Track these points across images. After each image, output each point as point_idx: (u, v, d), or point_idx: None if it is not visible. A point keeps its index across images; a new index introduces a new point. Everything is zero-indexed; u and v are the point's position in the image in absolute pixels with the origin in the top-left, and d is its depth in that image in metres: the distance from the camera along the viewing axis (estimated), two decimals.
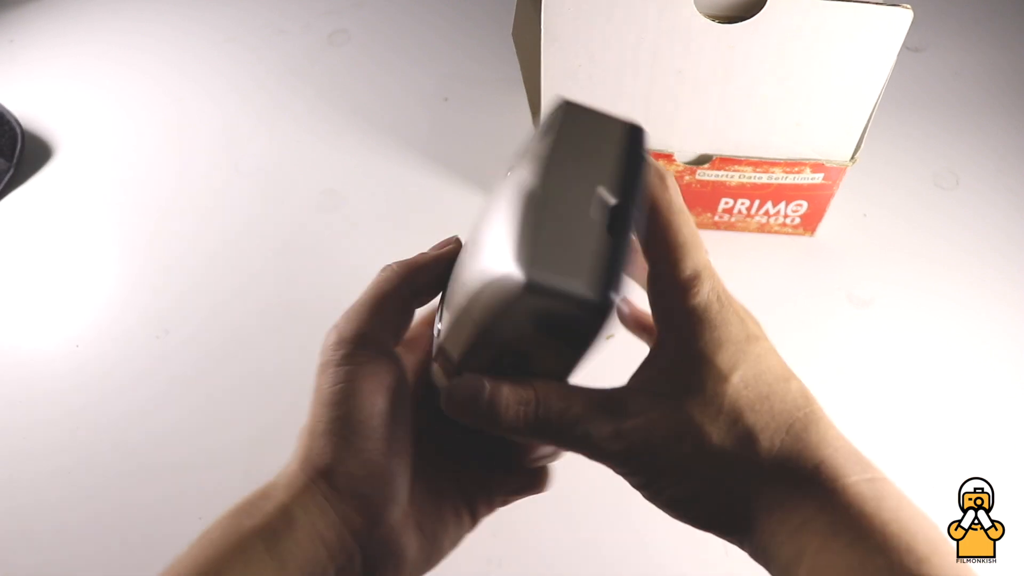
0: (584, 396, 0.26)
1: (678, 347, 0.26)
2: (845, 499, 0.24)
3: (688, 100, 0.48)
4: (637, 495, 0.28)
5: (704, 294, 0.26)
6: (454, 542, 0.31)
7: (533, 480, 0.33)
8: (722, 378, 0.25)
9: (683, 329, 0.26)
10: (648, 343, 0.31)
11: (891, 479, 0.26)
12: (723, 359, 0.25)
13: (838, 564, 0.23)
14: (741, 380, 0.25)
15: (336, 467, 0.26)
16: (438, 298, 0.31)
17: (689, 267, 0.26)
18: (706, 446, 0.25)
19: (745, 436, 0.25)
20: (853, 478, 0.24)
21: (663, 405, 0.25)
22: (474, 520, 0.32)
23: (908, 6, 0.42)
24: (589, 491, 0.46)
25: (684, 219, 0.26)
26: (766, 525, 0.25)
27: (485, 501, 0.32)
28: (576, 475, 0.48)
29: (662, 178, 0.26)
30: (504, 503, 0.33)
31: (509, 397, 0.26)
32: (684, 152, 0.52)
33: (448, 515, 0.31)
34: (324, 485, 0.26)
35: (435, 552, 0.30)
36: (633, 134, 0.26)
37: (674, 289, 0.26)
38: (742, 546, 0.26)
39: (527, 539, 0.45)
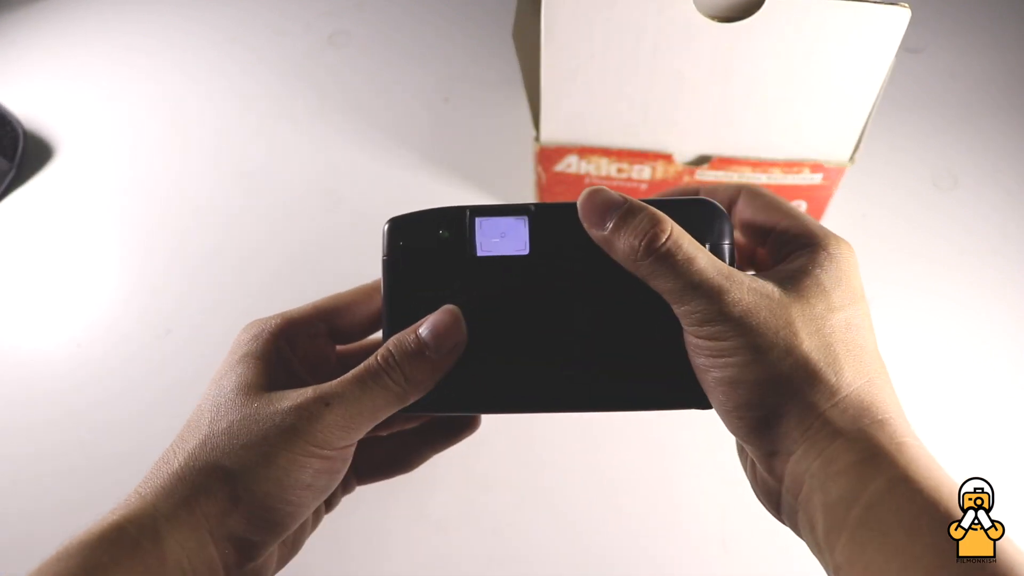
0: (708, 257, 0.26)
1: (809, 268, 0.27)
2: (911, 452, 0.24)
3: (687, 100, 0.48)
4: (637, 493, 0.28)
5: (836, 244, 0.29)
6: (309, 534, 0.32)
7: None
8: (832, 308, 0.27)
9: (811, 258, 0.28)
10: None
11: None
12: (838, 296, 0.27)
13: (911, 503, 0.23)
14: (845, 320, 0.27)
15: (239, 509, 0.25)
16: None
17: (815, 224, 0.29)
18: (796, 349, 0.25)
19: (832, 362, 0.26)
20: (916, 441, 0.25)
21: (775, 299, 0.26)
22: (329, 508, 0.32)
23: (906, 5, 0.42)
24: (589, 491, 0.47)
25: (784, 200, 0.31)
26: (821, 450, 0.25)
27: (343, 486, 0.32)
28: (576, 475, 0.48)
29: (747, 184, 0.31)
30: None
31: (644, 215, 0.26)
32: (683, 153, 0.52)
33: (310, 517, 0.31)
34: (215, 523, 0.25)
35: (292, 554, 0.30)
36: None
37: (809, 234, 0.29)
38: (773, 467, 0.26)
39: (526, 539, 0.45)
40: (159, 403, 0.51)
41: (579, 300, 0.28)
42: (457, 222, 0.29)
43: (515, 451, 0.48)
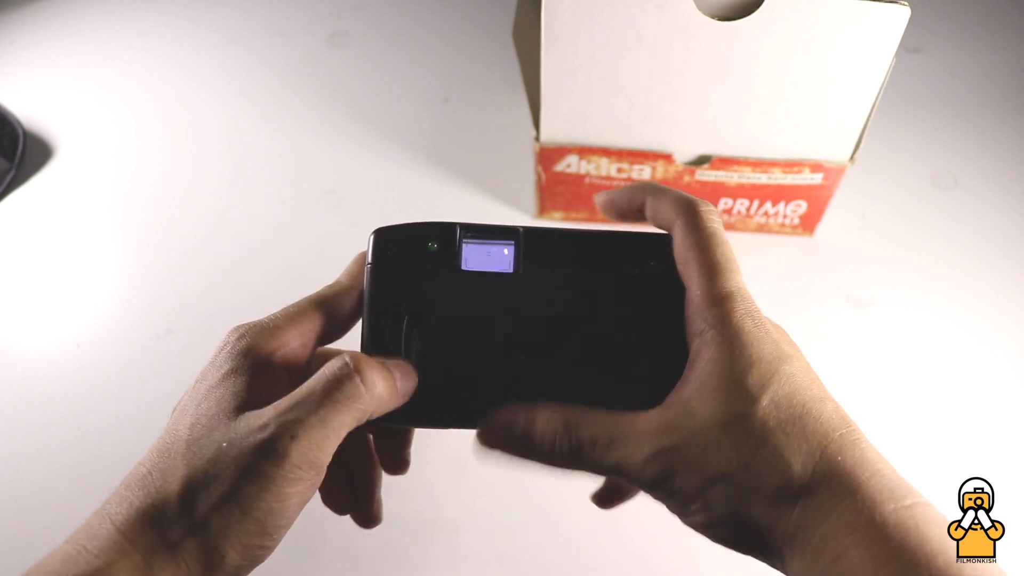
0: (613, 422, 0.26)
1: (709, 367, 0.25)
2: (885, 531, 0.23)
3: (687, 100, 0.48)
4: (633, 498, 0.28)
5: (736, 313, 0.26)
6: None
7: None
8: (752, 399, 0.25)
9: (714, 349, 0.25)
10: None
11: (934, 504, 0.25)
12: (753, 379, 0.25)
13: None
14: (772, 401, 0.25)
15: (224, 543, 0.24)
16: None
17: (721, 288, 0.26)
18: (733, 471, 0.24)
19: (776, 459, 0.24)
20: (892, 506, 0.23)
21: (693, 428, 0.25)
22: None
23: (906, 3, 0.42)
24: (589, 491, 0.47)
25: (716, 242, 0.27)
26: (802, 555, 0.24)
27: None
28: (576, 475, 0.48)
29: (693, 205, 0.28)
30: None
31: (543, 426, 0.26)
32: (683, 152, 0.52)
33: None
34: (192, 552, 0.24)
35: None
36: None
37: (706, 309, 0.26)
38: (783, 572, 0.26)
39: (526, 540, 0.45)
40: (159, 403, 0.51)
41: (561, 324, 0.28)
42: (446, 236, 0.29)
43: None
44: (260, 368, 0.27)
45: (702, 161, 0.52)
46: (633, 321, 0.28)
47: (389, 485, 0.34)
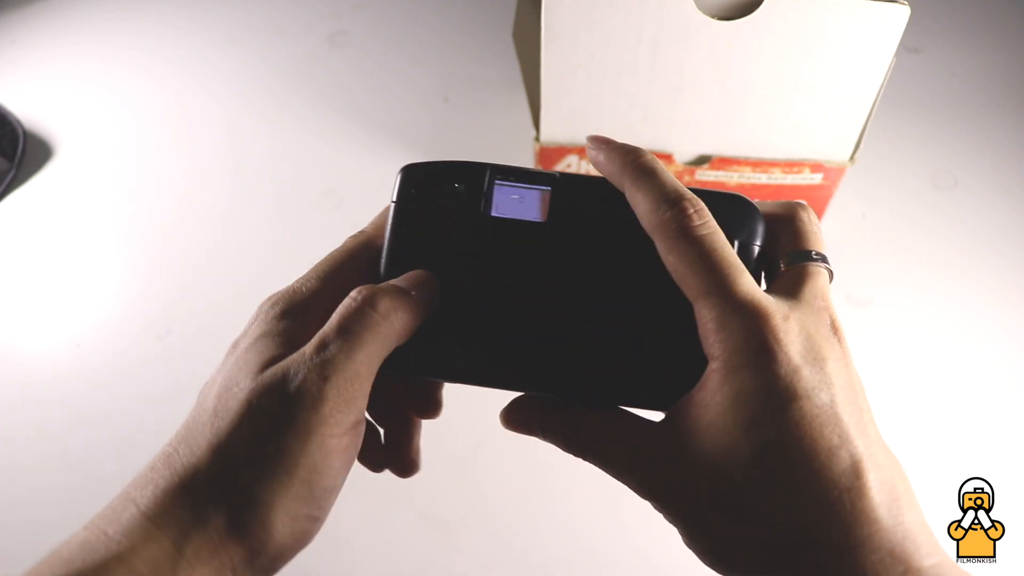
0: (620, 434, 0.25)
1: (708, 398, 0.23)
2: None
3: (687, 100, 0.48)
4: (633, 498, 0.28)
5: (746, 341, 0.22)
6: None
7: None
8: (739, 450, 0.22)
9: (717, 379, 0.23)
10: None
11: (953, 562, 0.22)
12: (746, 426, 0.22)
13: None
14: (762, 452, 0.22)
15: (266, 552, 0.22)
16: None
17: (723, 308, 0.23)
18: (725, 522, 0.22)
19: (769, 517, 0.21)
20: (900, 568, 0.20)
21: (683, 461, 0.23)
22: None
23: (905, 2, 0.42)
24: (590, 491, 0.47)
25: (705, 248, 0.23)
26: None
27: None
28: (574, 475, 0.48)
29: (668, 220, 0.24)
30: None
31: (546, 434, 0.26)
32: (683, 152, 0.52)
33: None
34: (241, 569, 0.22)
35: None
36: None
37: (713, 335, 0.23)
38: None
39: (526, 540, 0.45)
40: (159, 403, 0.51)
41: (590, 279, 0.26)
42: (476, 178, 0.27)
43: (515, 451, 0.48)
44: (294, 331, 0.25)
45: (702, 161, 0.52)
46: (666, 296, 0.25)
47: (390, 485, 0.34)
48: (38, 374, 0.53)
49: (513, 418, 0.27)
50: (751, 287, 0.23)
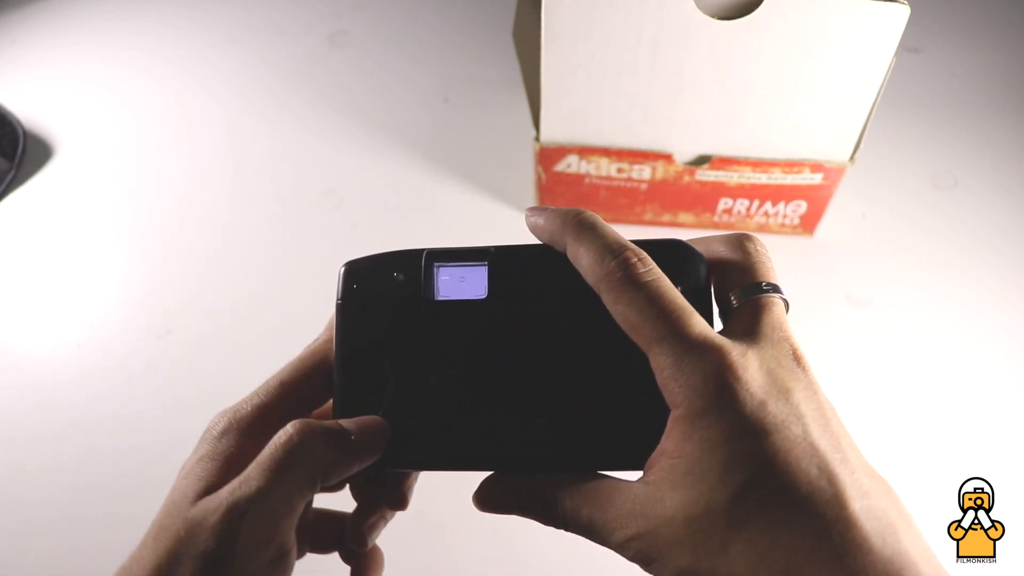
0: (593, 496, 0.24)
1: (679, 449, 0.22)
2: None
3: (687, 100, 0.48)
4: None
5: (707, 381, 0.22)
6: None
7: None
8: (720, 489, 0.21)
9: (685, 427, 0.22)
10: None
11: None
12: (724, 465, 0.21)
13: None
14: (741, 492, 0.21)
15: None
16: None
17: (675, 355, 0.22)
18: (700, 571, 0.22)
19: (759, 560, 0.21)
20: None
21: (662, 517, 0.22)
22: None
23: (905, 1, 0.42)
24: None
25: (650, 296, 0.23)
26: None
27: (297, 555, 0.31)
28: None
29: (610, 272, 0.24)
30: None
31: (533, 504, 0.25)
32: (683, 152, 0.52)
33: None
34: None
35: None
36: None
37: (671, 382, 0.22)
38: None
39: (526, 540, 0.45)
40: (159, 402, 0.51)
41: (541, 346, 0.26)
42: (413, 265, 0.27)
43: None
44: (234, 453, 0.26)
45: (702, 161, 0.52)
46: (619, 351, 0.25)
47: None
48: (38, 373, 0.53)
49: (486, 500, 0.27)
50: (703, 328, 0.23)
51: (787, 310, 0.25)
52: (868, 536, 0.20)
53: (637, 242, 0.25)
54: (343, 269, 0.28)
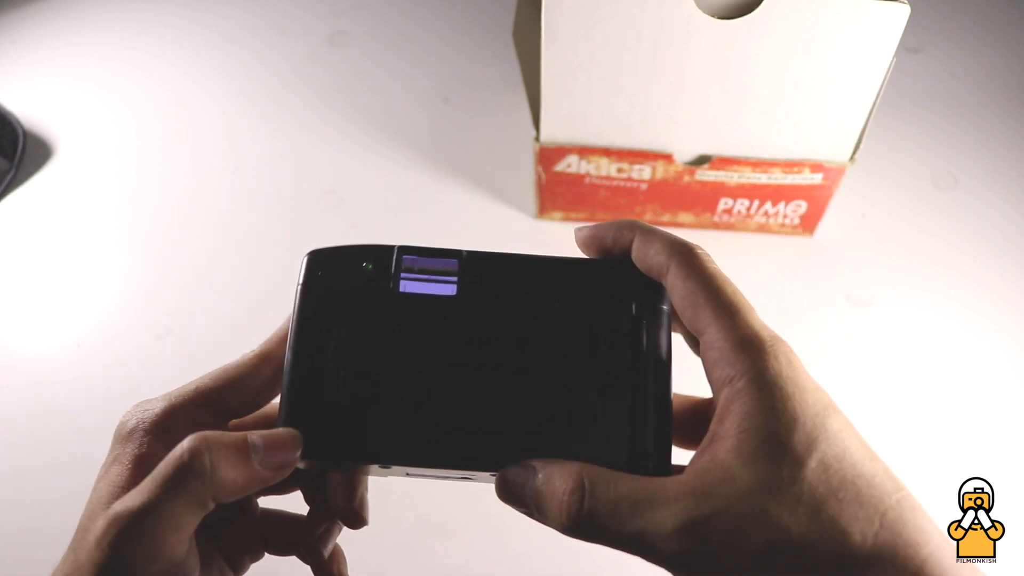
0: (637, 484, 0.23)
1: (746, 423, 0.22)
2: None
3: (687, 100, 0.48)
4: None
5: (770, 359, 0.23)
6: None
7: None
8: (799, 461, 0.22)
9: (750, 401, 0.23)
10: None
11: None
12: (799, 437, 0.22)
13: None
14: (822, 463, 0.22)
15: None
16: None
17: (745, 329, 0.23)
18: (784, 543, 0.21)
19: (831, 529, 0.21)
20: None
21: (735, 495, 0.22)
22: (239, 572, 0.30)
23: (905, 2, 0.42)
24: None
25: (723, 281, 0.25)
26: None
27: (252, 555, 0.30)
28: None
29: (689, 248, 0.25)
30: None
31: (557, 485, 0.24)
32: (683, 152, 0.52)
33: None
34: None
35: None
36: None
37: (734, 354, 0.23)
38: None
39: (526, 540, 0.45)
40: None
41: (503, 351, 0.26)
42: (383, 257, 0.27)
43: None
44: (148, 452, 0.26)
45: (702, 161, 0.52)
46: (593, 359, 0.26)
47: (391, 486, 0.34)
48: (38, 373, 0.53)
49: (507, 489, 0.26)
50: (762, 322, 0.24)
51: None
52: (913, 509, 0.22)
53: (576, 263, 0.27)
54: (307, 256, 0.27)
